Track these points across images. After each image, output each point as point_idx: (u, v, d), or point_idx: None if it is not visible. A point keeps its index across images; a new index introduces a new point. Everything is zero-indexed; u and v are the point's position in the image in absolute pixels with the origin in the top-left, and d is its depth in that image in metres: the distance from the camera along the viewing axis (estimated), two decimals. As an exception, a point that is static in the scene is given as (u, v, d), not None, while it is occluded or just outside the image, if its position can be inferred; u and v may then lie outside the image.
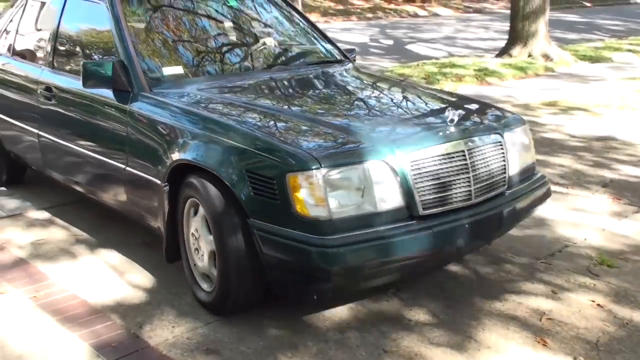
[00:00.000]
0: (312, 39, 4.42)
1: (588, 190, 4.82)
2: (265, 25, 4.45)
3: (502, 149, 3.10)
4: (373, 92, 3.81)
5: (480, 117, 3.35)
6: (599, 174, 5.23)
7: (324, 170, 2.59)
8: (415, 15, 24.62)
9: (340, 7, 24.97)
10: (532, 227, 4.08)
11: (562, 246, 3.83)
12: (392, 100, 3.65)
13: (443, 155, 2.85)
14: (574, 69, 11.21)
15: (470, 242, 2.94)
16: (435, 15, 25.16)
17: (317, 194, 2.58)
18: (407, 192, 2.72)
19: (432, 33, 18.44)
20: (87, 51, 3.96)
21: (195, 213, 3.03)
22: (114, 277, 3.41)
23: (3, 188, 4.85)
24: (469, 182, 2.89)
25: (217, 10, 4.25)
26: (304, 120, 3.07)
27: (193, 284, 3.12)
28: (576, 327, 2.93)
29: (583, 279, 3.39)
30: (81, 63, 3.40)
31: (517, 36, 11.79)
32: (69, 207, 4.42)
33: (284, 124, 3.05)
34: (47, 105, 4.04)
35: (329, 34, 4.69)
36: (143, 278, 3.40)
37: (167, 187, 3.09)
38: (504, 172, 3.10)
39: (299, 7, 22.54)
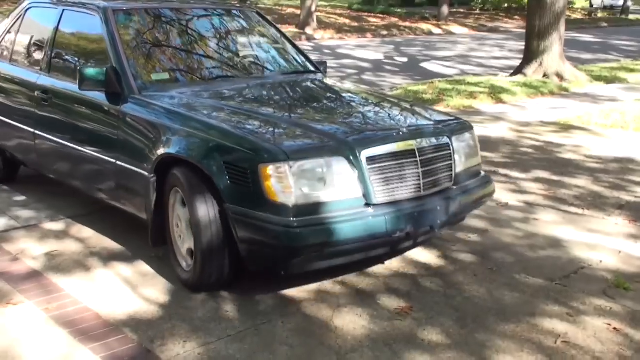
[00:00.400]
0: (288, 52, 4.93)
1: (604, 212, 4.78)
2: (244, 38, 4.92)
3: (449, 150, 3.56)
4: (337, 98, 4.31)
5: (431, 122, 3.79)
6: (615, 195, 5.19)
7: (291, 163, 3.02)
8: (430, 33, 24.69)
9: (355, 24, 25.08)
10: (547, 249, 4.05)
11: (578, 268, 3.80)
12: (354, 105, 4.12)
13: (395, 152, 3.29)
14: (589, 89, 11.18)
15: (418, 229, 3.29)
16: (450, 33, 25.22)
17: (284, 182, 3.01)
18: (364, 184, 3.15)
19: (447, 51, 18.47)
20: (82, 58, 4.35)
21: (179, 202, 3.44)
22: (127, 290, 3.41)
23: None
24: (418, 177, 3.33)
25: (201, 24, 4.73)
26: (275, 120, 3.54)
27: (176, 266, 3.51)
28: (592, 350, 2.89)
29: (599, 302, 3.35)
30: (78, 68, 3.79)
31: (532, 55, 11.78)
32: (84, 219, 4.43)
33: (258, 123, 3.50)
34: (44, 107, 4.40)
35: (343, 51, 4.88)
36: (156, 292, 3.39)
37: (154, 177, 3.48)
38: (451, 170, 3.55)
39: (314, 24, 22.63)
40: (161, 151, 3.41)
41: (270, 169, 2.99)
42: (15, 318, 3.09)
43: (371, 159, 3.19)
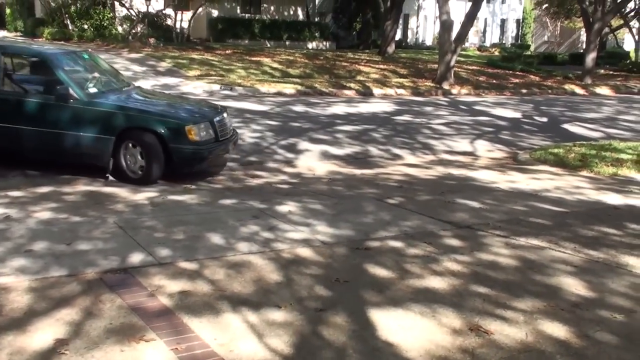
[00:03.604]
0: (120, 75, 9.36)
1: None
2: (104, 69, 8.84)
3: (228, 120, 8.26)
4: (166, 96, 10.00)
5: (219, 109, 8.53)
6: None
7: (195, 124, 7.44)
8: (573, 93, 23.77)
9: (493, 81, 24.65)
10: None
11: None
12: (179, 99, 10.06)
13: (219, 120, 7.87)
14: None
15: (225, 150, 7.94)
16: (594, 94, 24.15)
17: (194, 131, 7.33)
18: (215, 132, 7.64)
19: (590, 112, 17.66)
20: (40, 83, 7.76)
21: (130, 148, 7.36)
22: (253, 338, 3.41)
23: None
24: (227, 131, 8.06)
25: (95, 63, 8.82)
26: (168, 106, 8.17)
27: (127, 178, 7.39)
28: None
29: None
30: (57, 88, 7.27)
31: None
32: (216, 262, 4.53)
33: (170, 109, 7.99)
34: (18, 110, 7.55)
35: (480, 107, 4.96)
36: (280, 343, 3.36)
37: (114, 139, 7.27)
38: (232, 132, 8.39)
39: (451, 79, 22.40)
40: (125, 125, 7.32)
41: (189, 126, 7.35)
42: (146, 355, 3.16)
43: (217, 122, 7.75)
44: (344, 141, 11.28)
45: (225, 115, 8.17)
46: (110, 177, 7.47)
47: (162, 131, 7.17)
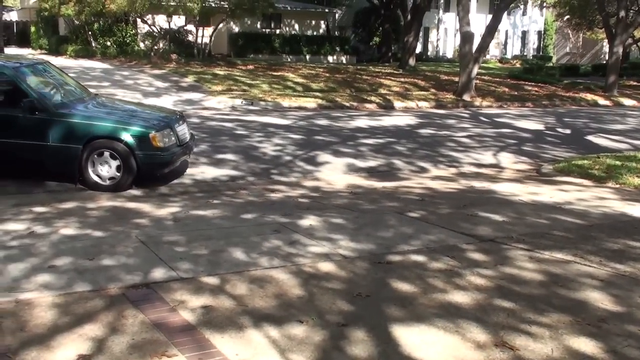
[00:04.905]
0: (80, 85, 9.53)
1: None
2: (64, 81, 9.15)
3: (186, 125, 8.82)
4: (128, 104, 10.43)
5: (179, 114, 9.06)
6: None
7: (158, 131, 7.78)
8: (596, 105, 23.54)
9: (515, 92, 24.51)
10: None
11: None
12: (139, 107, 9.90)
13: (181, 128, 8.47)
14: None
15: (185, 154, 8.55)
16: (619, 105, 23.90)
17: (158, 138, 7.70)
18: (177, 138, 8.14)
19: (615, 124, 17.48)
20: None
21: (96, 156, 7.69)
22: (274, 354, 3.39)
23: None
24: (186, 137, 8.58)
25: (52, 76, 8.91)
26: (135, 114, 8.58)
27: (96, 187, 7.69)
28: None
29: None
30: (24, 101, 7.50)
31: None
32: (237, 277, 4.53)
33: (133, 118, 8.23)
34: None
35: (502, 120, 4.99)
36: (302, 358, 3.34)
37: (82, 148, 7.56)
38: (190, 136, 8.84)
39: (472, 91, 22.30)
40: (91, 134, 7.60)
41: (152, 134, 7.67)
42: (168, 370, 3.16)
43: (177, 128, 8.26)
44: (367, 154, 11.27)
45: (184, 121, 8.77)
46: (78, 185, 7.79)
47: (127, 139, 7.56)
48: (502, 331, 3.74)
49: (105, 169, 7.67)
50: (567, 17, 40.74)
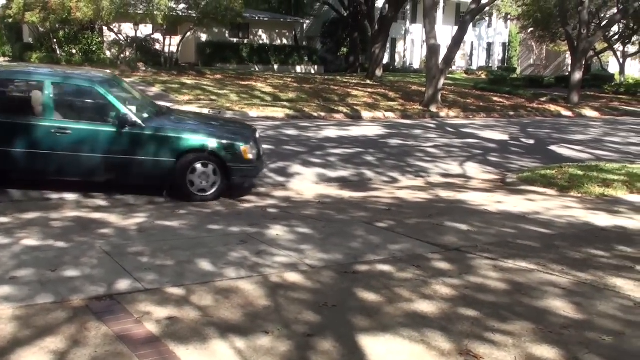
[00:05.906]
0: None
1: None
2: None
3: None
4: (205, 116, 12.18)
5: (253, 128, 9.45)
6: None
7: (248, 144, 8.06)
8: (559, 115, 23.99)
9: (481, 103, 24.85)
10: (696, 361, 3.62)
11: None
12: (219, 120, 11.39)
13: (257, 139, 8.76)
14: None
15: (263, 166, 9.10)
16: (581, 116, 24.38)
17: (248, 150, 8.02)
18: (257, 151, 8.38)
19: (577, 134, 17.82)
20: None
21: (196, 169, 7.90)
22: (240, 365, 3.37)
23: None
24: (261, 150, 8.77)
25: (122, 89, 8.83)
26: (227, 129, 8.94)
27: (198, 198, 7.86)
28: None
29: None
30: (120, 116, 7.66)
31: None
32: (203, 287, 4.50)
33: (221, 131, 8.54)
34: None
35: (468, 130, 4.96)
36: (268, 369, 3.33)
37: (175, 161, 7.73)
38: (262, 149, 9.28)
39: (439, 102, 22.54)
40: (187, 146, 7.82)
41: (244, 146, 7.97)
42: (131, 383, 3.12)
43: (256, 140, 8.58)
44: (336, 164, 11.30)
45: (258, 134, 9.07)
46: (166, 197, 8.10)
47: (221, 152, 7.95)
48: (466, 340, 3.78)
49: (197, 181, 7.85)
50: (531, 29, 41.53)
